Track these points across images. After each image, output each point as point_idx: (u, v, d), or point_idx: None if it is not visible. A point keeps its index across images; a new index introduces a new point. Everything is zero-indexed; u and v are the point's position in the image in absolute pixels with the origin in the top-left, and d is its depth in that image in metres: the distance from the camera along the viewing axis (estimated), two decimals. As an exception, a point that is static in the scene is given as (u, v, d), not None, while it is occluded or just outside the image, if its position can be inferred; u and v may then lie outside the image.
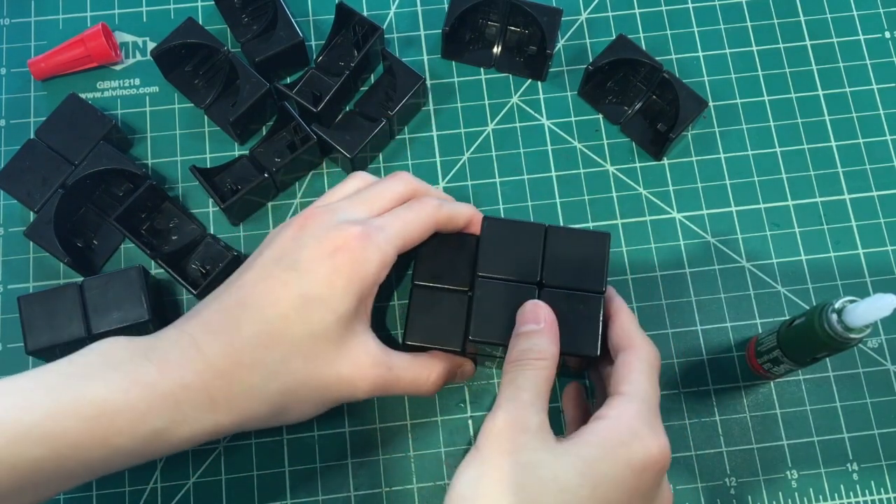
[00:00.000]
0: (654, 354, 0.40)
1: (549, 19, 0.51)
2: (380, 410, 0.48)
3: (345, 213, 0.41)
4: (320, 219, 0.41)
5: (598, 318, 0.41)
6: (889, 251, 0.51)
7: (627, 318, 0.42)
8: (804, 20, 0.56)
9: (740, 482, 0.47)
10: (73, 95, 0.51)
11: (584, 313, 0.41)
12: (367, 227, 0.40)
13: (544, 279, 0.42)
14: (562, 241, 0.43)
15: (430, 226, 0.42)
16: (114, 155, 0.49)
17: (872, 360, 0.49)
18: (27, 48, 0.55)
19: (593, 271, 0.42)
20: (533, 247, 0.42)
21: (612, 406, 0.37)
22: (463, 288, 0.43)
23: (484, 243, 0.43)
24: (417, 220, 0.42)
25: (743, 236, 0.51)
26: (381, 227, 0.41)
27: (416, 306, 0.43)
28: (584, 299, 0.42)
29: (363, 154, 0.50)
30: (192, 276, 0.49)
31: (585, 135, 0.53)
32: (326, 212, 0.41)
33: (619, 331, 0.41)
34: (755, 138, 0.53)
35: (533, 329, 0.39)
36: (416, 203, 0.43)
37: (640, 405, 0.37)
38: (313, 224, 0.40)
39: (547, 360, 0.38)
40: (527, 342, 0.39)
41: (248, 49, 0.52)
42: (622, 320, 0.41)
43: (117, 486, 0.47)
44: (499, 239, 0.43)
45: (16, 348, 0.49)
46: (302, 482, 0.47)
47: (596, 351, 0.41)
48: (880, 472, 0.48)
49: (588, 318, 0.41)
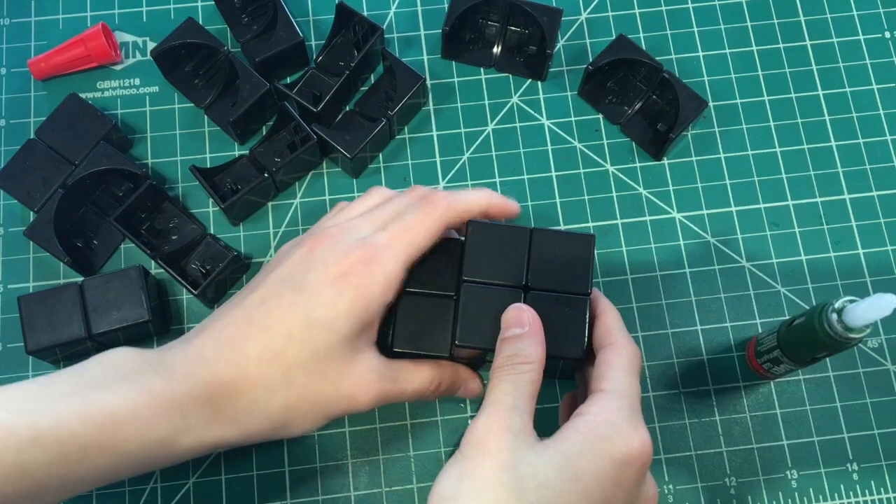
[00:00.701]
0: (634, 352, 0.40)
1: (549, 19, 0.51)
2: (380, 410, 0.48)
3: (356, 233, 0.41)
4: (330, 241, 0.41)
5: (584, 320, 0.41)
6: (889, 251, 0.51)
7: (611, 317, 0.42)
8: (804, 20, 0.56)
9: (740, 482, 0.47)
10: (73, 95, 0.51)
11: (569, 315, 0.41)
12: (373, 248, 0.40)
13: (530, 282, 0.42)
14: (547, 243, 0.42)
15: (439, 229, 0.42)
16: (114, 155, 0.49)
17: (872, 360, 0.49)
18: (27, 48, 0.55)
19: (578, 273, 0.42)
20: (518, 250, 0.42)
21: (592, 403, 0.38)
22: (448, 293, 0.43)
23: (469, 248, 0.42)
24: (423, 229, 0.42)
25: (743, 236, 0.51)
26: (387, 246, 0.41)
27: (403, 313, 0.43)
28: (569, 302, 0.41)
29: (363, 154, 0.50)
30: (193, 275, 0.49)
31: (585, 135, 0.53)
32: (338, 232, 0.42)
33: (602, 329, 0.41)
34: (755, 138, 0.53)
35: (517, 333, 0.39)
36: (423, 206, 0.42)
37: (620, 400, 0.37)
38: (322, 246, 0.41)
39: (532, 363, 0.38)
40: (511, 347, 0.39)
41: (248, 49, 0.52)
42: (605, 319, 0.41)
43: (117, 485, 0.47)
44: (484, 243, 0.42)
45: (16, 348, 0.49)
46: (302, 482, 0.47)
47: (580, 353, 0.41)
48: (880, 472, 0.48)
49: (574, 321, 0.41)
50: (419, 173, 0.52)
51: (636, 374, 0.39)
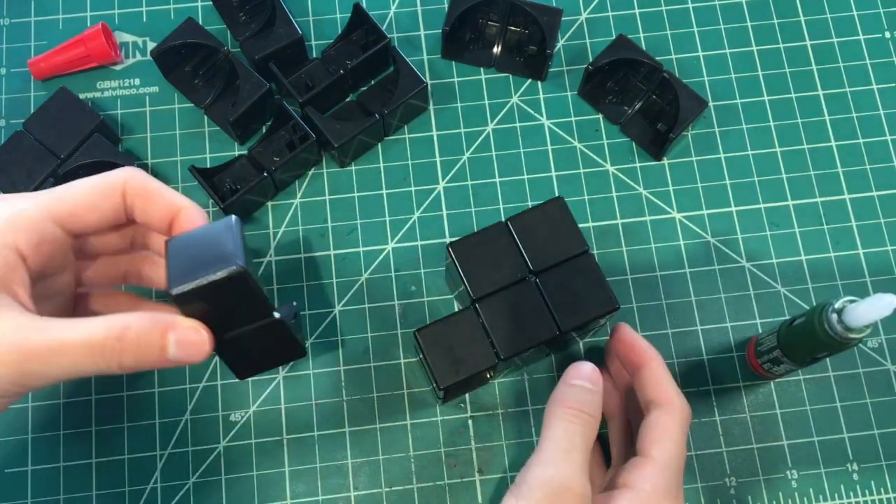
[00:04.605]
0: (687, 413, 0.39)
1: (549, 19, 0.51)
2: (380, 410, 0.48)
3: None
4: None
5: (600, 274, 0.42)
6: (889, 251, 0.51)
7: (660, 368, 0.41)
8: (804, 20, 0.56)
9: (740, 482, 0.47)
10: (63, 90, 0.51)
11: (585, 277, 0.42)
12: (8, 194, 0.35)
13: (533, 267, 0.42)
14: (526, 225, 0.43)
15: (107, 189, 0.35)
16: (106, 147, 0.50)
17: (872, 360, 0.49)
18: (27, 48, 0.55)
19: (569, 235, 0.43)
20: (507, 246, 0.43)
21: (641, 474, 0.37)
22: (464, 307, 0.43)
23: (463, 266, 0.42)
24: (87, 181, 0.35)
25: (743, 236, 0.51)
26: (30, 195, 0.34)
27: (431, 352, 0.42)
28: (577, 266, 0.42)
29: (349, 146, 0.50)
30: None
31: (585, 135, 0.53)
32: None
33: (653, 383, 0.40)
34: (755, 138, 0.53)
35: (589, 386, 0.39)
36: None
37: (669, 475, 0.37)
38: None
39: (598, 421, 0.38)
40: (584, 395, 0.38)
41: (247, 47, 0.52)
42: (656, 371, 0.41)
43: (117, 486, 0.47)
44: (472, 257, 0.43)
45: (16, 348, 0.49)
46: (302, 482, 0.47)
47: (616, 304, 0.42)
48: (880, 472, 0.47)
49: (591, 280, 0.42)
50: (419, 173, 0.52)
51: (686, 435, 0.39)
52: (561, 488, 0.35)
